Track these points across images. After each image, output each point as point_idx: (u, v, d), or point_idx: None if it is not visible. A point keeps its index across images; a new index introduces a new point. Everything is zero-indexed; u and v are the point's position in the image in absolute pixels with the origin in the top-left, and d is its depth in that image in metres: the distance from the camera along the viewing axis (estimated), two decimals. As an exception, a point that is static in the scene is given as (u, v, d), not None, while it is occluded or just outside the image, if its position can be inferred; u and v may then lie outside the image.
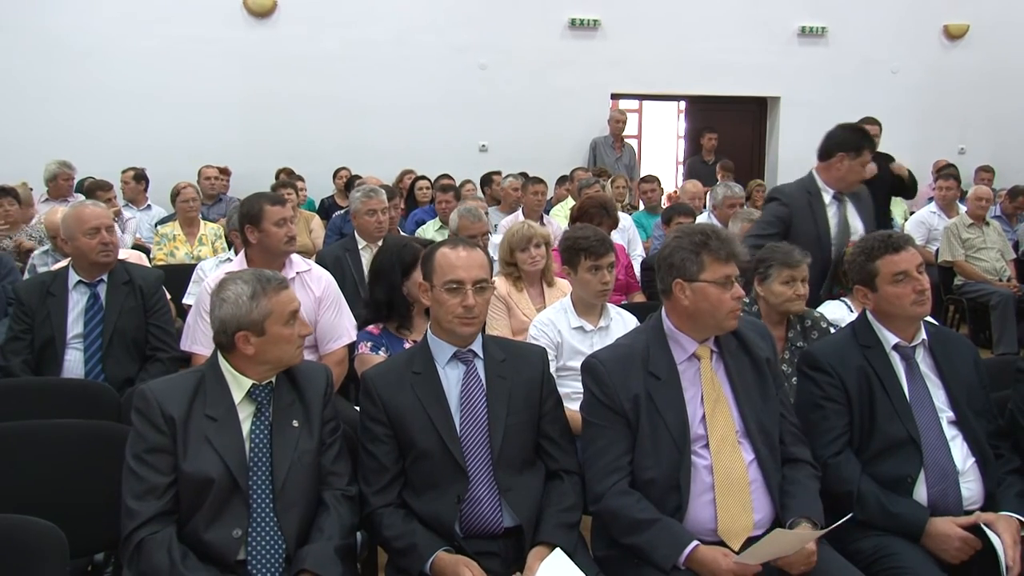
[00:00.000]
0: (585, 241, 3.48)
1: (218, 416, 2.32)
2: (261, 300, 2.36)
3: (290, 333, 2.40)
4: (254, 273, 2.44)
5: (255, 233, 3.60)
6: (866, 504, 2.56)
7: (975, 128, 10.80)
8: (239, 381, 2.38)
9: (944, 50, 10.93)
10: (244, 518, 2.28)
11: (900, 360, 2.71)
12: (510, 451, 2.48)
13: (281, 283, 2.43)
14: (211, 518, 2.26)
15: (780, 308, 3.41)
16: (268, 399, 2.40)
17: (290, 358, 2.42)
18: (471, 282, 2.49)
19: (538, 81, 9.99)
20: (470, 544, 2.40)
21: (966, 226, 7.05)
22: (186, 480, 2.25)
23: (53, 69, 8.89)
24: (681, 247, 2.48)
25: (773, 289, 3.40)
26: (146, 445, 2.27)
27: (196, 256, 6.27)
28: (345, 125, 9.51)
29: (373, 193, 4.97)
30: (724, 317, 2.45)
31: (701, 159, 10.29)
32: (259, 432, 2.36)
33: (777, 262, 3.41)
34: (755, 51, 10.39)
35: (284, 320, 2.38)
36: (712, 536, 2.38)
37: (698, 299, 2.44)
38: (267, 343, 2.37)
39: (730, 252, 2.45)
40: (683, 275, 2.46)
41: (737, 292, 2.45)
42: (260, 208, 3.58)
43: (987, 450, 2.62)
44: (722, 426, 2.45)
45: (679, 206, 6.13)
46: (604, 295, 3.50)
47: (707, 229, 2.51)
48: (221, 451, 2.28)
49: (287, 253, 3.66)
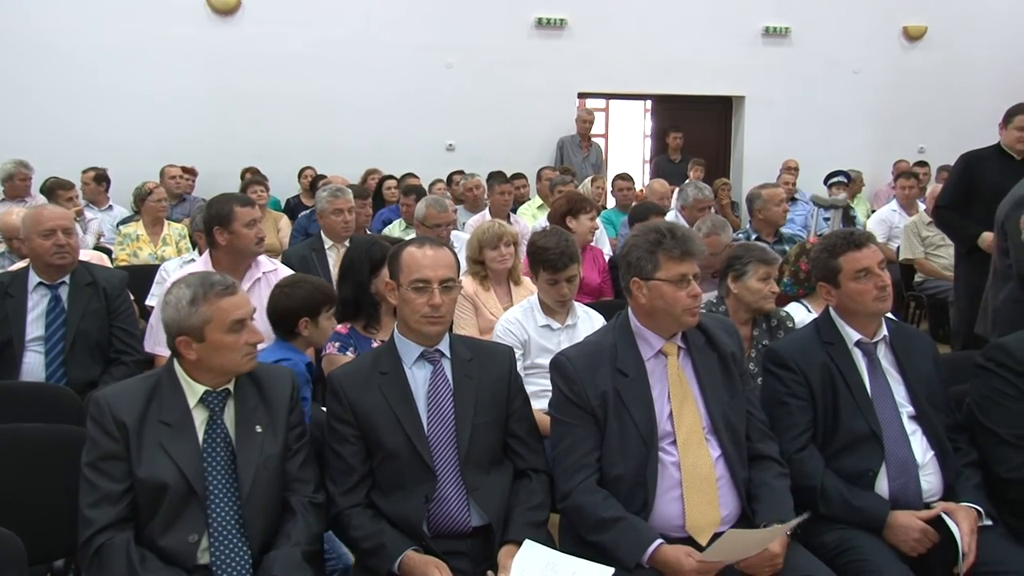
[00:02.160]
0: (545, 254, 3.50)
1: (172, 422, 2.29)
2: (201, 306, 2.31)
3: (232, 341, 2.33)
4: (200, 277, 2.39)
5: (224, 235, 3.57)
6: (829, 498, 2.59)
7: (934, 128, 10.96)
8: (192, 387, 2.35)
9: (904, 51, 11.09)
10: (201, 523, 2.26)
11: (862, 356, 2.74)
12: (478, 450, 2.48)
13: (226, 289, 2.35)
14: (167, 524, 2.24)
15: (755, 305, 3.45)
16: (222, 406, 2.37)
17: (234, 366, 2.36)
18: (437, 281, 2.48)
19: (505, 80, 10.00)
20: (438, 544, 2.40)
21: (925, 224, 7.16)
22: (140, 486, 2.23)
23: (13, 67, 8.76)
24: (637, 246, 2.51)
25: (749, 286, 3.44)
26: (100, 452, 2.24)
27: (160, 256, 6.21)
28: (311, 124, 9.47)
29: (340, 193, 4.95)
30: (681, 314, 2.47)
31: (667, 158, 10.36)
32: (215, 438, 2.33)
33: (754, 259, 3.46)
34: (720, 51, 10.47)
35: (226, 327, 2.32)
36: (680, 532, 2.41)
37: (654, 297, 2.46)
38: (208, 350, 2.32)
39: (685, 250, 2.47)
40: (639, 274, 2.48)
41: (693, 290, 2.47)
42: (230, 209, 3.55)
43: (946, 443, 2.67)
44: (689, 422, 2.47)
45: (648, 205, 6.15)
46: (562, 305, 3.53)
47: (663, 227, 2.53)
48: (175, 457, 2.25)
49: (257, 254, 3.64)
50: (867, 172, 10.19)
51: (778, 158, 9.82)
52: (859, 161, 10.09)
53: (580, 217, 4.95)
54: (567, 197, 5.14)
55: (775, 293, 3.50)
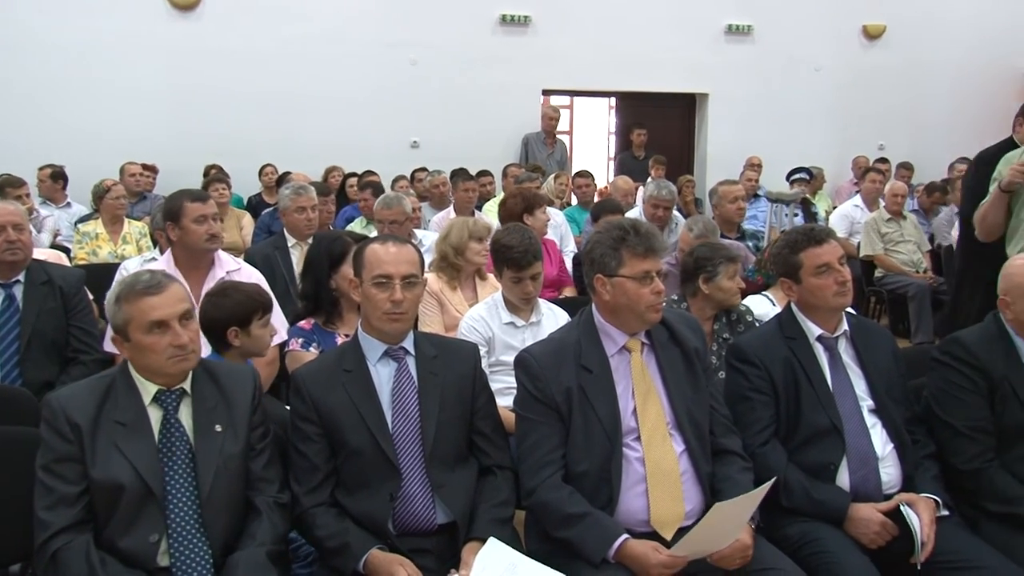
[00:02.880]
0: (509, 252, 3.50)
1: (127, 421, 2.26)
2: (122, 305, 2.28)
3: (153, 342, 2.26)
4: (134, 275, 2.36)
5: (175, 230, 3.55)
6: (792, 491, 2.62)
7: (894, 125, 11.12)
8: (146, 386, 2.32)
9: (863, 49, 11.24)
10: (161, 524, 2.23)
11: (823, 351, 2.77)
12: (442, 448, 2.47)
13: (149, 288, 2.29)
14: (125, 525, 2.21)
15: (726, 303, 3.51)
16: (176, 405, 2.33)
17: (159, 368, 2.30)
18: (399, 277, 2.47)
19: (469, 77, 9.97)
20: (403, 542, 2.39)
21: (884, 220, 7.28)
22: (97, 488, 2.20)
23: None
24: (601, 243, 2.51)
25: (721, 285, 3.49)
26: (54, 455, 2.21)
27: (120, 255, 6.11)
28: (274, 121, 9.38)
29: (302, 190, 4.91)
30: (644, 311, 2.48)
31: (632, 155, 10.40)
32: (172, 437, 2.30)
33: (723, 259, 3.51)
34: (684, 48, 10.54)
35: (145, 329, 2.26)
36: (645, 527, 2.42)
37: (617, 294, 2.47)
38: (134, 350, 2.29)
39: (649, 247, 2.48)
40: (603, 270, 2.49)
41: (657, 287, 2.48)
42: (180, 205, 3.52)
43: (905, 436, 2.71)
44: (653, 418, 2.48)
45: (607, 202, 6.18)
46: (526, 303, 3.54)
47: (627, 224, 2.54)
48: (131, 457, 2.22)
49: (208, 251, 3.60)
50: (828, 169, 10.32)
51: (741, 155, 9.92)
52: (821, 158, 10.22)
53: (536, 212, 5.00)
54: (522, 196, 5.17)
55: (742, 288, 3.55)
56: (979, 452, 2.68)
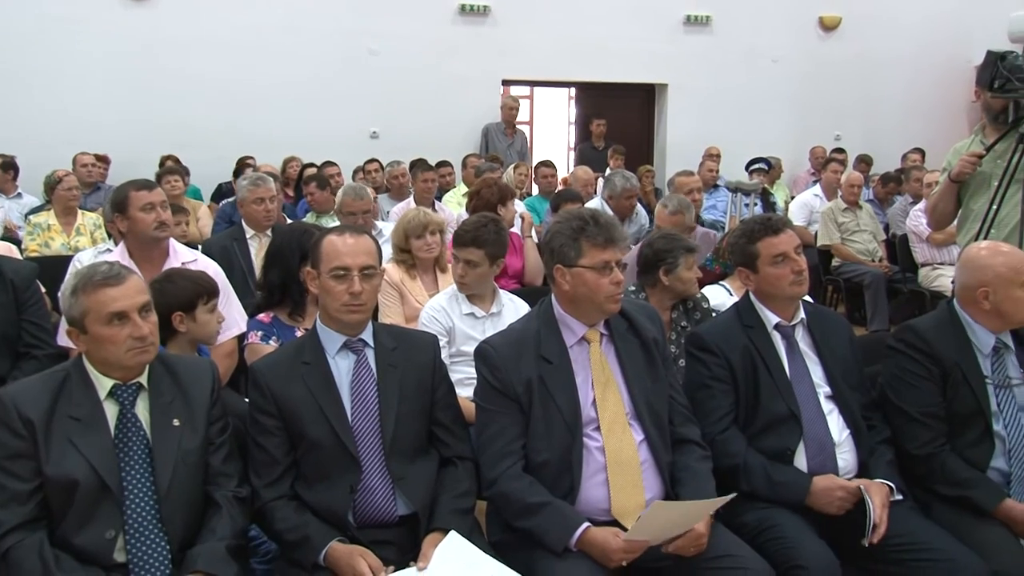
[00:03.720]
0: (458, 230, 3.56)
1: (82, 416, 2.23)
2: (80, 297, 2.25)
3: (113, 334, 2.23)
4: (90, 267, 2.33)
5: (124, 221, 3.51)
6: (752, 475, 2.65)
7: (849, 116, 11.28)
8: (101, 380, 2.28)
9: (820, 41, 11.36)
10: (117, 519, 2.20)
11: (781, 339, 2.80)
12: (402, 439, 2.46)
13: (107, 279, 2.25)
14: (81, 521, 2.18)
15: (686, 293, 3.53)
16: (132, 399, 2.30)
17: (117, 360, 2.27)
18: (357, 268, 2.46)
19: (429, 67, 9.92)
20: (364, 534, 2.39)
21: (841, 210, 7.38)
22: (51, 484, 2.16)
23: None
24: (560, 233, 2.51)
25: (681, 276, 3.52)
26: (6, 452, 2.17)
27: (73, 247, 6.02)
28: (232, 111, 9.26)
29: (261, 181, 4.86)
30: (603, 301, 2.49)
31: (591, 145, 10.43)
32: (128, 432, 2.27)
33: (682, 250, 3.52)
34: (643, 39, 10.58)
35: (104, 320, 2.23)
36: (605, 516, 2.43)
37: (577, 284, 2.48)
38: (92, 342, 2.26)
39: (608, 238, 2.49)
40: (562, 261, 2.49)
41: (616, 277, 2.49)
42: (125, 195, 3.49)
43: (860, 422, 2.75)
44: (612, 408, 2.50)
45: (566, 192, 6.20)
46: (461, 287, 3.54)
47: (586, 215, 2.54)
48: (86, 452, 2.19)
49: (158, 240, 3.54)
50: (786, 159, 10.42)
51: (700, 145, 9.97)
52: (778, 148, 10.31)
53: (508, 204, 4.99)
54: (498, 186, 5.16)
55: (699, 277, 3.58)
56: (932, 437, 2.73)
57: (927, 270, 6.82)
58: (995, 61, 3.76)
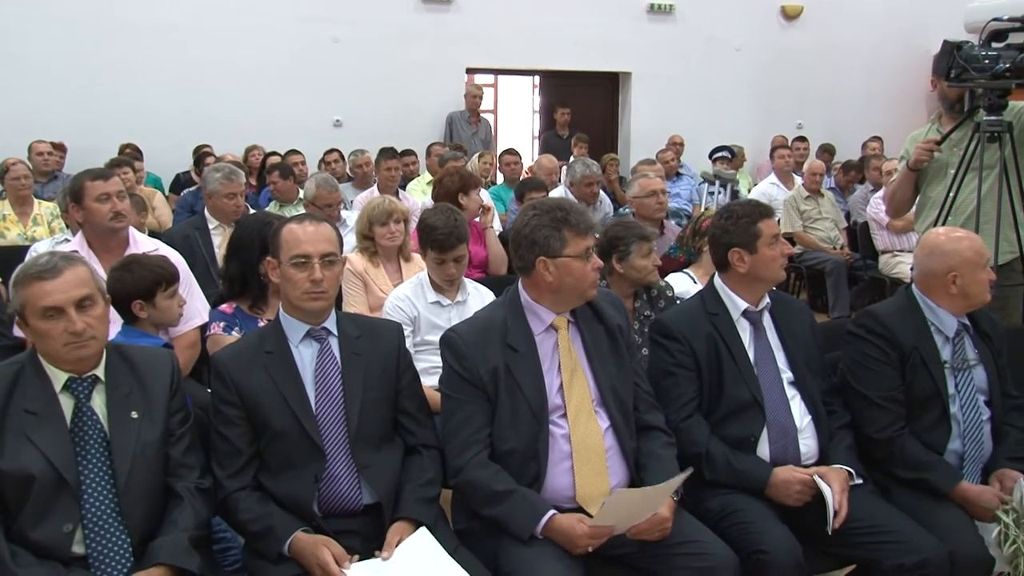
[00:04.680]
0: (434, 233, 3.49)
1: (37, 410, 2.19)
2: (18, 290, 2.21)
3: (48, 329, 2.18)
4: (32, 260, 2.30)
5: (79, 211, 3.46)
6: (715, 463, 2.67)
7: (811, 104, 11.38)
8: (55, 373, 2.24)
9: (782, 29, 11.44)
10: (75, 513, 2.17)
11: (748, 325, 2.82)
12: (367, 428, 2.45)
13: (41, 273, 2.20)
14: (37, 515, 2.14)
15: (642, 281, 3.52)
16: (88, 392, 2.26)
17: (56, 354, 2.22)
18: (318, 256, 2.44)
19: (392, 55, 9.85)
20: (329, 523, 2.37)
21: (803, 198, 7.47)
22: (6, 478, 2.12)
23: None
24: (542, 224, 2.49)
25: (635, 264, 3.49)
26: None
27: (30, 237, 5.92)
28: (191, 99, 9.13)
29: (234, 176, 4.80)
30: (587, 288, 2.51)
31: (556, 133, 10.43)
32: (84, 425, 2.23)
33: (635, 237, 3.51)
34: (607, 27, 10.57)
35: (38, 314, 2.18)
36: (571, 503, 2.44)
37: (562, 274, 2.47)
38: (33, 335, 2.23)
39: (588, 225, 2.51)
40: (547, 252, 2.47)
41: (596, 263, 2.51)
42: (81, 185, 3.45)
43: (821, 408, 2.79)
44: (578, 395, 2.51)
45: (530, 181, 6.21)
46: (450, 284, 3.53)
47: (564, 204, 2.56)
48: (41, 446, 2.15)
49: (114, 229, 3.49)
50: (749, 147, 10.48)
51: (664, 133, 10.03)
52: (742, 136, 10.39)
53: (471, 193, 4.96)
54: (459, 175, 5.13)
55: (657, 265, 3.58)
56: (891, 421, 2.77)
57: (887, 257, 6.93)
58: (951, 51, 3.81)
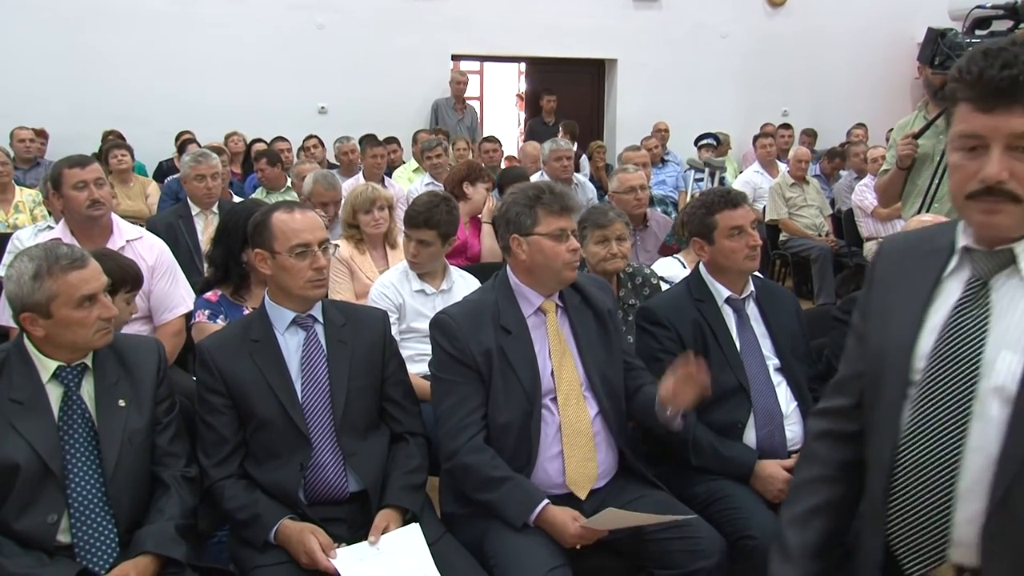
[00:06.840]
0: (409, 209, 3.54)
1: (23, 399, 2.17)
2: (45, 281, 2.17)
3: (83, 317, 2.19)
4: (46, 249, 2.24)
5: (59, 199, 3.44)
6: (701, 450, 2.68)
7: (797, 92, 11.38)
8: (44, 362, 2.22)
9: (768, 17, 11.43)
10: (60, 503, 2.16)
11: (732, 312, 2.83)
12: (353, 416, 2.45)
13: (74, 263, 2.20)
14: (22, 506, 2.13)
15: (597, 268, 3.48)
16: (78, 381, 2.25)
17: (86, 342, 2.23)
18: (317, 243, 2.45)
19: (378, 42, 9.79)
20: (315, 511, 2.37)
21: (788, 185, 7.48)
22: None
23: None
24: (516, 203, 2.52)
25: (588, 249, 3.46)
26: None
27: (12, 224, 5.86)
28: (176, 85, 9.07)
29: (202, 157, 4.77)
30: (561, 269, 2.50)
31: (542, 120, 10.40)
32: (72, 415, 2.22)
33: (590, 224, 3.48)
34: (593, 14, 10.54)
35: (75, 303, 2.18)
36: (560, 488, 2.45)
37: (534, 252, 2.48)
38: (56, 326, 2.19)
39: (564, 205, 2.50)
40: (519, 230, 2.50)
41: (572, 245, 2.50)
42: (59, 172, 3.43)
43: (807, 394, 2.80)
44: (568, 380, 2.51)
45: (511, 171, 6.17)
46: (415, 266, 3.51)
47: (542, 185, 2.57)
48: (28, 436, 2.13)
49: (92, 217, 3.45)
50: (734, 134, 10.49)
51: (650, 120, 10.01)
52: (727, 123, 10.39)
53: (477, 184, 4.93)
54: (468, 164, 5.14)
55: (616, 255, 3.47)
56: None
57: (872, 244, 6.95)
58: (936, 38, 3.82)
